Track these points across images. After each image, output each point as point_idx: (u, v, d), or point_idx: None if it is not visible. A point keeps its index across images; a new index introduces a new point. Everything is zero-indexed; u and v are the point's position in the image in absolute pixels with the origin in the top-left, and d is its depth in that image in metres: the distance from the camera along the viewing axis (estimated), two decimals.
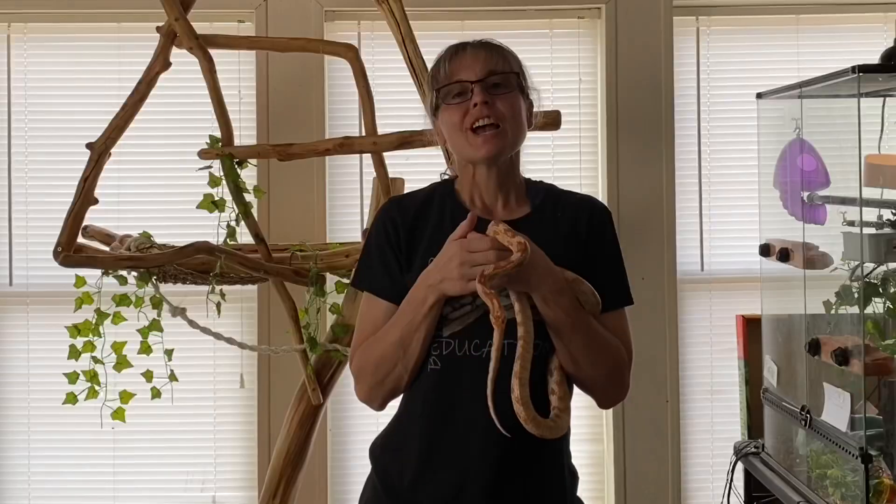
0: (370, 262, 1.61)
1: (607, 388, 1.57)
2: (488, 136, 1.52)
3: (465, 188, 1.61)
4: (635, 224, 3.05)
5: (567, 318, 1.45)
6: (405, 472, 1.57)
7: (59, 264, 2.32)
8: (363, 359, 1.57)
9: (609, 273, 1.60)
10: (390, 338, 1.52)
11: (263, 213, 2.97)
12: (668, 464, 3.06)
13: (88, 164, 2.37)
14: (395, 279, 1.57)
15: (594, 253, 1.59)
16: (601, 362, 1.51)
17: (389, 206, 1.64)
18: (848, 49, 3.05)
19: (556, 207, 1.61)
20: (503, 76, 1.56)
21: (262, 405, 3.02)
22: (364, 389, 1.58)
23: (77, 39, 3.08)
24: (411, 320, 1.49)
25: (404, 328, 1.50)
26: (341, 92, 3.06)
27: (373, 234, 1.62)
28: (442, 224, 1.57)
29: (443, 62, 1.58)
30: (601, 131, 3.10)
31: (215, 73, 2.45)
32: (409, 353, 1.51)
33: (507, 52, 1.60)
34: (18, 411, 3.07)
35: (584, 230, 1.59)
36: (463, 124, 1.53)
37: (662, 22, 3.06)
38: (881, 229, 2.19)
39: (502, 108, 1.53)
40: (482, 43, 1.59)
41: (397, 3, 2.43)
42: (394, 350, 1.51)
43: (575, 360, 1.50)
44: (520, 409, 1.41)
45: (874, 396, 2.18)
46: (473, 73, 1.54)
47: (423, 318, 1.48)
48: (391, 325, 1.53)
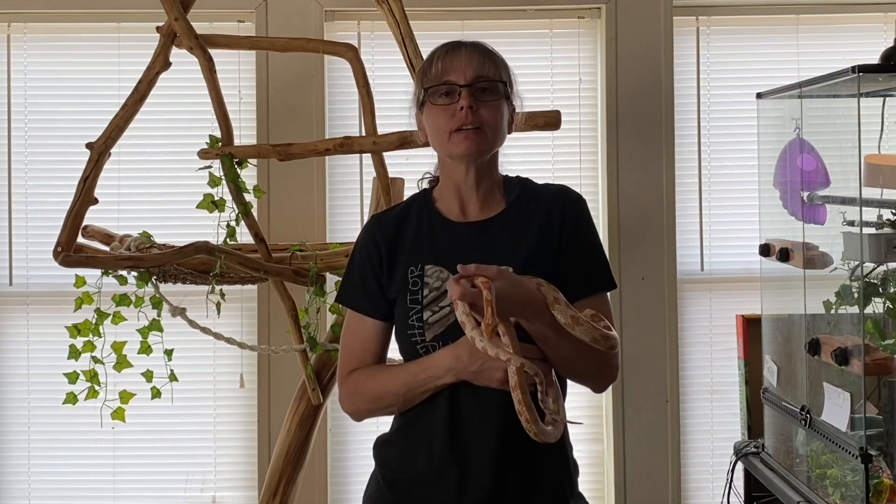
0: (352, 280, 1.67)
1: (599, 376, 1.61)
2: (469, 134, 1.56)
3: (444, 185, 1.66)
4: (635, 224, 3.05)
5: (550, 330, 1.48)
6: (407, 468, 1.59)
7: (58, 264, 2.32)
8: (359, 386, 1.62)
9: (586, 258, 1.62)
10: (393, 387, 1.58)
11: (263, 213, 2.97)
12: (668, 464, 3.06)
13: (88, 164, 2.37)
14: (374, 299, 1.63)
15: (570, 240, 1.61)
16: (591, 356, 1.53)
17: (370, 224, 1.70)
18: (848, 49, 3.06)
19: (530, 201, 1.64)
20: (491, 83, 1.58)
21: (262, 405, 3.02)
22: (352, 407, 1.65)
23: (77, 39, 3.08)
24: (421, 384, 1.55)
25: (411, 386, 1.56)
26: (341, 92, 3.06)
27: (356, 252, 1.68)
28: (420, 232, 1.64)
29: (436, 60, 1.60)
30: (601, 131, 3.10)
31: (215, 73, 2.45)
32: (409, 401, 1.58)
33: (497, 58, 1.62)
34: (18, 411, 3.07)
35: (557, 219, 1.62)
36: (448, 126, 1.57)
37: (662, 22, 3.06)
38: (881, 229, 2.19)
39: (486, 115, 1.57)
40: (475, 46, 1.61)
41: (397, 3, 2.43)
42: (394, 398, 1.59)
43: (566, 361, 1.54)
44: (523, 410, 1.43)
45: (874, 396, 2.18)
46: (463, 75, 1.57)
47: (434, 388, 1.55)
48: (398, 376, 1.58)
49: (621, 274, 3.02)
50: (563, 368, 1.56)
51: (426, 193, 1.70)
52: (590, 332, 1.45)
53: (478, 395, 1.54)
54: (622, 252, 3.04)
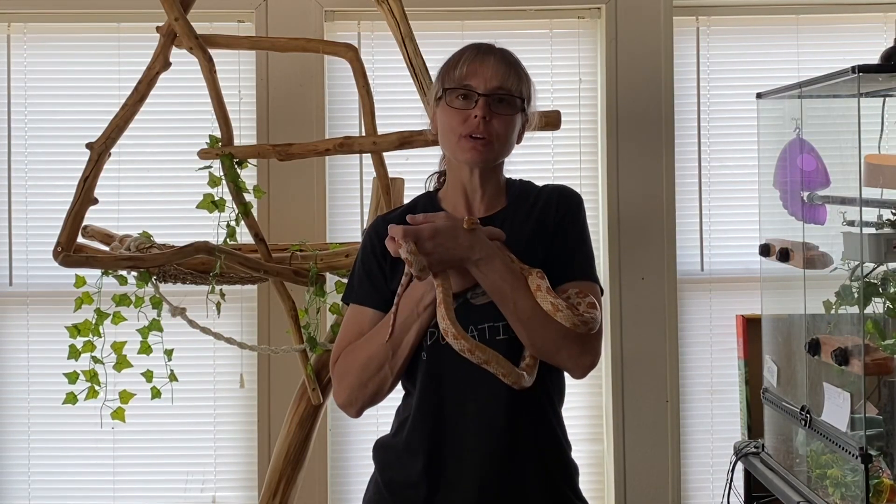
0: (357, 276, 1.67)
1: (571, 351, 1.53)
2: (476, 145, 1.58)
3: (450, 184, 1.67)
4: (635, 224, 3.05)
5: (504, 282, 1.49)
6: (406, 470, 1.59)
7: (58, 264, 2.32)
8: (348, 360, 1.60)
9: (572, 247, 1.63)
10: (380, 339, 1.55)
11: (263, 213, 2.97)
12: (668, 464, 3.06)
13: (88, 163, 2.37)
14: (379, 286, 1.63)
15: (560, 231, 1.63)
16: (552, 323, 1.50)
17: (375, 223, 1.71)
18: (848, 49, 3.06)
19: (528, 200, 1.67)
20: (509, 97, 1.59)
21: (262, 405, 3.02)
22: (345, 392, 1.60)
23: (77, 39, 3.08)
24: (405, 319, 1.53)
25: (397, 328, 1.53)
26: (341, 92, 3.06)
27: (360, 250, 1.69)
28: None
29: (463, 61, 1.60)
30: (601, 131, 3.10)
31: (215, 73, 2.45)
32: (398, 354, 1.55)
33: (522, 71, 1.64)
34: (18, 411, 3.07)
35: (552, 213, 1.64)
36: (459, 130, 1.58)
37: (662, 22, 3.06)
38: (881, 229, 2.20)
39: (497, 127, 1.59)
40: (503, 56, 1.62)
41: (397, 3, 2.43)
42: (383, 351, 1.55)
43: (527, 327, 1.50)
44: (461, 343, 1.45)
45: (874, 396, 2.18)
46: (484, 84, 1.58)
47: (418, 316, 1.53)
48: (382, 326, 1.57)
49: (621, 274, 3.02)
50: (527, 337, 1.51)
51: (431, 195, 1.72)
52: (570, 318, 1.48)
53: (476, 395, 1.54)
54: (622, 252, 3.04)
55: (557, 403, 1.64)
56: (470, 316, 1.54)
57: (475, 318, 1.54)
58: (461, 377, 1.54)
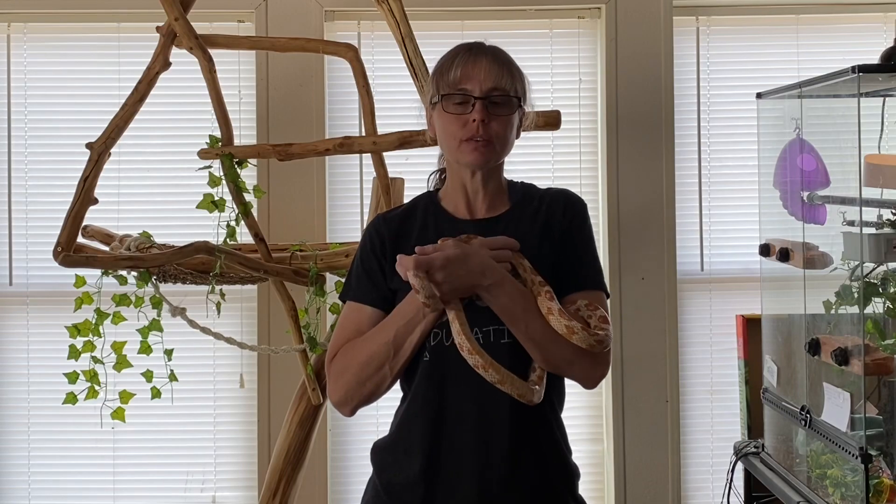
0: (356, 274, 1.67)
1: (583, 365, 1.54)
2: (479, 146, 1.59)
3: (451, 185, 1.67)
4: (635, 224, 3.05)
5: (515, 305, 1.50)
6: (404, 472, 1.58)
7: (58, 264, 2.32)
8: (347, 358, 1.59)
9: (580, 256, 1.64)
10: (382, 338, 1.55)
11: (263, 213, 2.97)
12: (668, 464, 3.06)
13: (88, 163, 2.37)
14: (378, 284, 1.62)
15: (568, 239, 1.63)
16: (564, 342, 1.50)
17: (375, 220, 1.71)
18: (848, 49, 3.06)
19: (532, 202, 1.67)
20: (505, 97, 1.59)
21: (262, 405, 3.02)
22: (342, 389, 1.59)
23: (77, 39, 3.08)
24: (410, 320, 1.53)
25: (400, 328, 1.53)
26: (341, 92, 3.06)
27: (359, 248, 1.69)
28: (426, 226, 1.65)
29: (455, 64, 1.60)
30: (601, 131, 3.10)
31: (215, 73, 2.45)
32: (400, 354, 1.55)
33: (515, 69, 1.63)
34: (18, 411, 3.07)
35: (558, 220, 1.64)
36: (459, 135, 1.58)
37: (662, 22, 3.06)
38: (881, 229, 2.19)
39: (496, 128, 1.59)
40: (495, 56, 1.62)
41: (397, 3, 2.43)
42: (385, 350, 1.54)
43: (540, 346, 1.51)
44: (475, 359, 1.45)
45: (874, 396, 2.18)
46: (479, 86, 1.58)
47: (424, 317, 1.52)
48: (384, 325, 1.57)
49: (621, 274, 3.02)
50: (539, 356, 1.52)
51: (431, 195, 1.72)
52: (586, 339, 1.48)
53: (476, 397, 1.53)
54: (622, 252, 3.04)
55: (558, 407, 1.63)
56: (474, 319, 1.53)
57: (480, 321, 1.54)
58: (462, 379, 1.53)
